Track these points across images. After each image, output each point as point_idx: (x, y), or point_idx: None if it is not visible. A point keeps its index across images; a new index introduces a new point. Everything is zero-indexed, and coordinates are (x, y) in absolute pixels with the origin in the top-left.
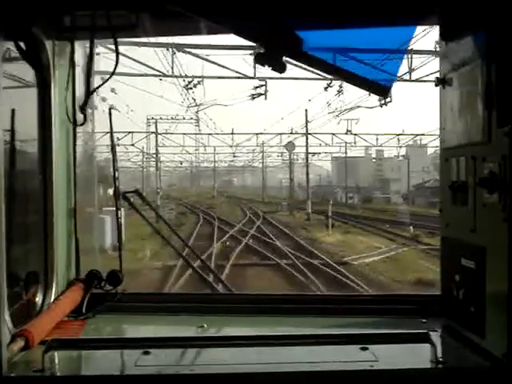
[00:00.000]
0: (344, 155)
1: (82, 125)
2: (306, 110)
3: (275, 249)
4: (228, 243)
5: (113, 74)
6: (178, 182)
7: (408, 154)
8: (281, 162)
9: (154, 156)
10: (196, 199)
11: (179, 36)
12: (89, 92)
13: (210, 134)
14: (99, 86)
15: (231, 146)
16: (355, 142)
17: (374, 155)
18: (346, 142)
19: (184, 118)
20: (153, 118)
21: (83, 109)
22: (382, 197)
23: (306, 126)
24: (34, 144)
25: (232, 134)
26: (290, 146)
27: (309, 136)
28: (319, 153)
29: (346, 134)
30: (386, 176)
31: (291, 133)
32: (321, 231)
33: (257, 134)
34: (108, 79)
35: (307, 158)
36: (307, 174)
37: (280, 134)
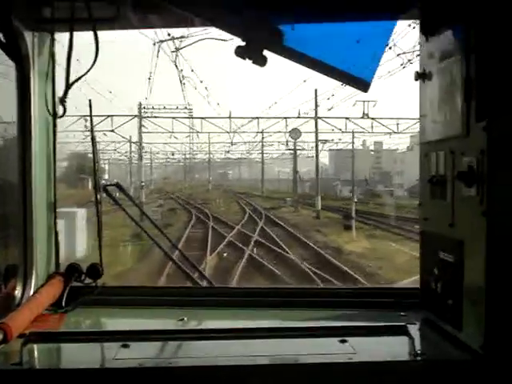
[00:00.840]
0: (341, 147)
1: (61, 117)
2: (315, 91)
3: (291, 265)
4: (225, 254)
5: (92, 66)
6: (172, 174)
7: (412, 145)
8: (280, 154)
9: (139, 144)
10: (190, 192)
11: (160, 28)
12: (68, 84)
13: (202, 118)
14: (79, 78)
15: (228, 133)
16: (372, 128)
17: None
18: (352, 131)
19: (177, 108)
20: (144, 108)
21: (63, 101)
22: (384, 190)
23: (316, 109)
24: (12, 137)
25: (230, 117)
26: (295, 133)
27: (318, 121)
28: (330, 140)
29: (363, 117)
30: (386, 169)
31: (298, 117)
32: (339, 234)
33: (257, 117)
34: (88, 71)
35: (317, 147)
36: (317, 165)
37: (285, 118)
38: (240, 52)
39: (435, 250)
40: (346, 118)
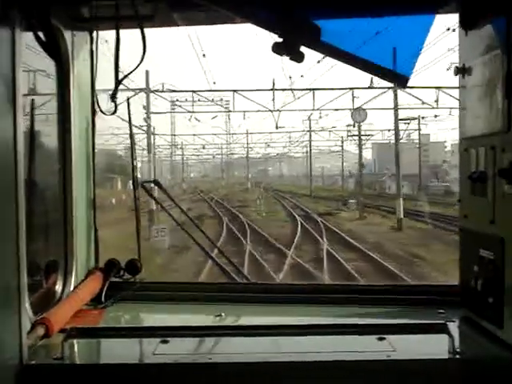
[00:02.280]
0: (389, 141)
1: (113, 114)
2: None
3: None
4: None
5: (140, 62)
6: (211, 172)
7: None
8: (331, 145)
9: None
10: (226, 192)
11: (198, 25)
12: (118, 81)
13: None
14: (127, 75)
15: (272, 111)
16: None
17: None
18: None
19: (213, 100)
20: (177, 100)
21: (113, 97)
22: (440, 186)
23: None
24: (54, 135)
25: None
26: (360, 114)
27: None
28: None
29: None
30: (435, 162)
31: (370, 87)
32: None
33: (313, 89)
34: (136, 67)
35: (397, 133)
36: (397, 153)
37: (350, 88)
38: (277, 49)
39: (475, 248)
40: (437, 88)
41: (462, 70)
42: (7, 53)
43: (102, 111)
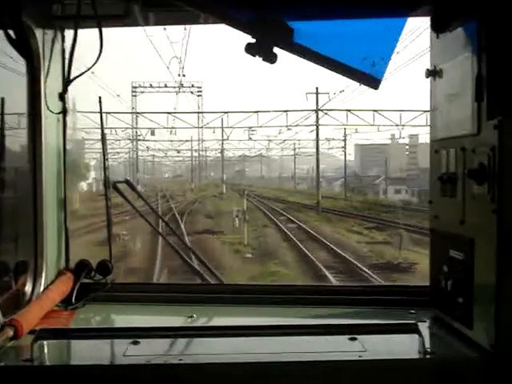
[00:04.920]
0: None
1: (59, 113)
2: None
3: None
4: None
5: (95, 62)
6: (186, 172)
7: None
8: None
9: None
10: (195, 198)
11: (168, 26)
12: (68, 80)
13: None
14: (80, 75)
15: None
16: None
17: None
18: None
19: (182, 86)
20: (140, 86)
21: (62, 97)
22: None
23: None
24: (23, 133)
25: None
26: None
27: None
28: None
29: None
30: (423, 165)
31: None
32: None
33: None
34: (90, 68)
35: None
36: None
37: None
38: (250, 49)
39: (445, 248)
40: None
41: (432, 73)
42: None
43: (49, 109)
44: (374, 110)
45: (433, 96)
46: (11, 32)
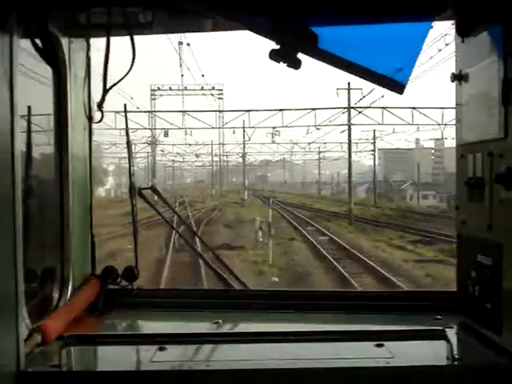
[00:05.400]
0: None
1: (99, 122)
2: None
3: None
4: None
5: (129, 70)
6: (207, 177)
7: None
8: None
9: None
10: (214, 205)
11: (194, 33)
12: (105, 89)
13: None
14: (116, 83)
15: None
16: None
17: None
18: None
19: (202, 88)
20: (158, 89)
21: (100, 106)
22: None
23: None
24: (50, 141)
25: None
26: None
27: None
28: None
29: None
30: (450, 169)
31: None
32: None
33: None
34: (125, 76)
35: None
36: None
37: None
38: (274, 55)
39: (473, 253)
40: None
41: (458, 77)
42: (5, 59)
43: (89, 119)
44: (412, 108)
45: (458, 101)
46: (38, 41)
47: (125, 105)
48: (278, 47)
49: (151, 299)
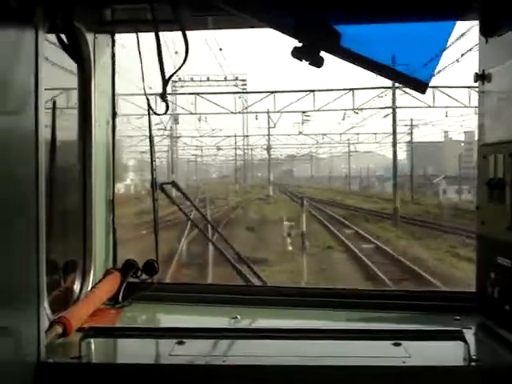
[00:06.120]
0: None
1: (164, 113)
2: None
3: None
4: None
5: (184, 63)
6: (233, 173)
7: None
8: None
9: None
10: (237, 201)
11: (218, 30)
12: (165, 80)
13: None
14: (172, 75)
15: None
16: None
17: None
18: None
19: (225, 79)
20: (180, 80)
21: (163, 97)
22: None
23: None
24: (74, 136)
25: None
26: None
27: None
28: None
29: None
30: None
31: None
32: None
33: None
34: (180, 67)
35: None
36: None
37: None
38: (297, 53)
39: (493, 255)
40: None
41: (481, 77)
42: (31, 53)
43: (154, 112)
44: (469, 87)
45: (481, 101)
46: (63, 36)
47: (147, 98)
48: (300, 45)
49: (171, 293)
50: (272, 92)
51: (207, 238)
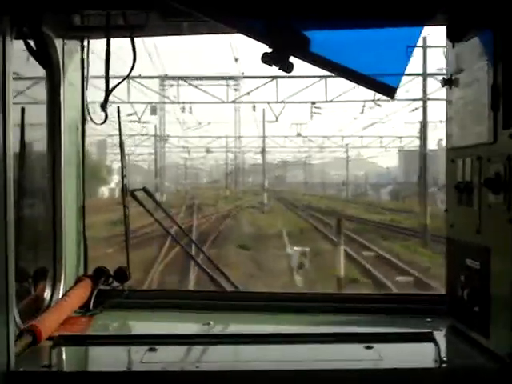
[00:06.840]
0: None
1: (103, 123)
2: None
3: None
4: None
5: (131, 71)
6: (223, 178)
7: None
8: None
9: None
10: (228, 209)
11: (188, 35)
12: (108, 90)
13: (273, 78)
14: (117, 85)
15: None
16: None
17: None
18: None
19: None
20: (168, 77)
21: (104, 107)
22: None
23: None
24: (43, 143)
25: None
26: None
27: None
28: None
29: None
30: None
31: None
32: None
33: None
34: (126, 77)
35: None
36: None
37: None
38: (266, 59)
39: (462, 257)
40: None
41: (449, 82)
42: None
43: (92, 120)
44: None
45: (449, 105)
46: (31, 42)
47: (118, 107)
48: (270, 51)
49: (142, 300)
50: (274, 77)
51: (179, 244)
